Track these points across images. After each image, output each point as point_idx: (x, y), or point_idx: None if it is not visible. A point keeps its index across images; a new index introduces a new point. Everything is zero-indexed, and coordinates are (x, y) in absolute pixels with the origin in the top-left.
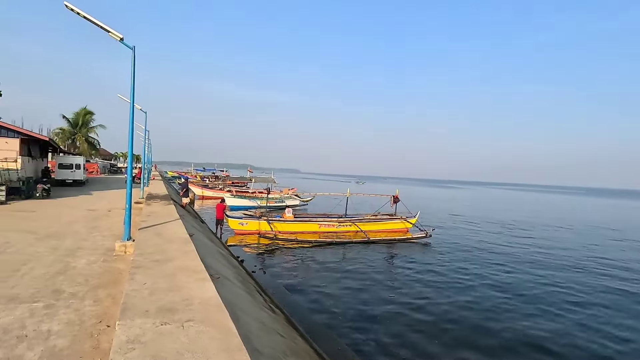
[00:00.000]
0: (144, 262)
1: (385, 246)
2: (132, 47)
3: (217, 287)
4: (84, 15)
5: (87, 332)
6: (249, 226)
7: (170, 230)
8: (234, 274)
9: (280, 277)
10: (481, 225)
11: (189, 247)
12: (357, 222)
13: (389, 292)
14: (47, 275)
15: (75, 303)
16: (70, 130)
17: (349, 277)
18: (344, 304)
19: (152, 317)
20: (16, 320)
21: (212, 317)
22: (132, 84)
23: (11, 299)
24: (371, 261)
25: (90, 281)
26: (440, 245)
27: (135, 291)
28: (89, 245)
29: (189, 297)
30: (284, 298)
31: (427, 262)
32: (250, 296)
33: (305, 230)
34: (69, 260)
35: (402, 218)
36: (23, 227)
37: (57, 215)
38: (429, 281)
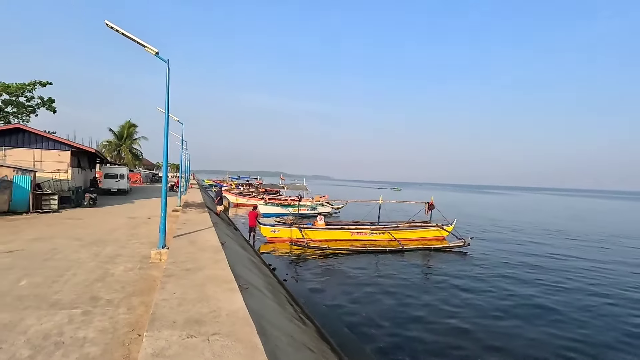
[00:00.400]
0: (175, 271)
1: (421, 255)
2: (167, 61)
3: (246, 298)
4: (122, 32)
5: (119, 340)
6: (281, 234)
7: (203, 238)
8: (264, 283)
9: (312, 286)
10: (526, 234)
11: (220, 256)
12: (390, 230)
13: (425, 305)
14: (87, 282)
15: (110, 310)
16: (116, 142)
17: (383, 287)
18: (377, 316)
19: (179, 329)
20: (56, 326)
21: (238, 331)
22: (167, 95)
23: (53, 304)
24: (406, 271)
25: (126, 288)
26: (479, 255)
27: (165, 301)
28: (127, 252)
29: (217, 308)
30: (315, 308)
31: (466, 273)
32: (279, 307)
33: (337, 238)
34: (108, 267)
35: (437, 226)
36: (70, 234)
37: (101, 222)
38: (469, 295)
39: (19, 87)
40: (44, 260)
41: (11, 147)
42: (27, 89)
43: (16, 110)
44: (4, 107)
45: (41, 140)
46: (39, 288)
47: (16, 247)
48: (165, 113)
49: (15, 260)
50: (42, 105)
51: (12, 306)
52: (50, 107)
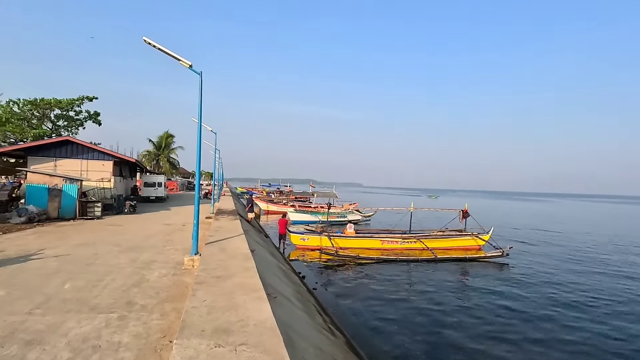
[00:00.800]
0: (206, 278)
1: (455, 265)
2: (200, 73)
3: (274, 307)
4: (159, 47)
5: (151, 346)
6: (310, 241)
7: (234, 245)
8: (293, 292)
9: (342, 295)
10: (572, 244)
11: (249, 264)
12: (422, 239)
13: (460, 319)
14: (124, 287)
15: (144, 316)
16: (154, 152)
17: (415, 298)
18: (410, 329)
19: (208, 337)
20: (94, 329)
21: (265, 342)
22: (200, 105)
23: (93, 308)
24: (439, 281)
25: (160, 294)
26: (519, 267)
27: (195, 309)
28: (162, 258)
29: (245, 317)
30: (345, 318)
31: (505, 286)
32: (308, 317)
33: (367, 247)
34: (144, 273)
35: (473, 234)
36: (111, 240)
37: (139, 229)
38: (508, 312)
39: (69, 102)
40: (87, 265)
41: (61, 158)
42: (76, 103)
43: (66, 124)
44: (56, 121)
45: (87, 151)
46: (81, 292)
47: (63, 252)
48: (199, 123)
49: (61, 264)
50: (89, 119)
51: (57, 308)
52: (95, 120)
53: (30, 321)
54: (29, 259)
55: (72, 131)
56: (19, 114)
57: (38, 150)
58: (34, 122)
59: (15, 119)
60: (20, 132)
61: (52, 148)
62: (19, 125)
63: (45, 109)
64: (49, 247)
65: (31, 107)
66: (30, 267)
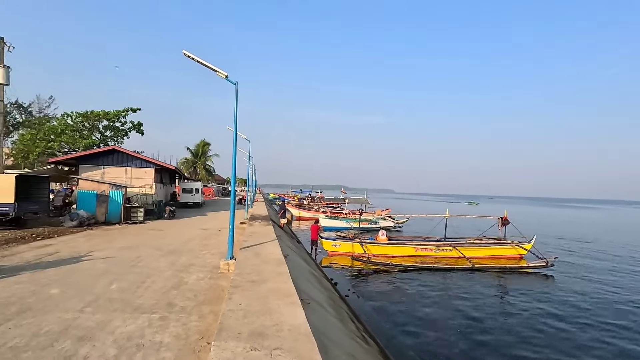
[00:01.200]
0: (241, 282)
1: (494, 275)
2: (235, 83)
3: (307, 313)
4: (198, 59)
5: (190, 347)
6: (342, 248)
7: (267, 250)
8: (326, 298)
9: (374, 303)
10: (627, 257)
11: (282, 269)
12: (458, 247)
13: (498, 331)
14: (164, 289)
15: (184, 317)
16: (192, 160)
17: (452, 308)
18: (446, 340)
19: (244, 340)
20: (137, 329)
21: (299, 347)
22: (235, 114)
23: (136, 308)
24: (477, 292)
25: (198, 297)
26: (565, 278)
27: (231, 312)
28: (199, 262)
29: (279, 322)
30: (378, 327)
31: (550, 299)
32: (341, 324)
33: (400, 254)
34: (182, 276)
35: (513, 243)
36: (152, 243)
37: (178, 233)
38: (553, 327)
39: (116, 114)
40: (131, 266)
41: (108, 166)
42: (122, 114)
43: (113, 134)
44: (104, 132)
45: (131, 159)
46: (125, 292)
47: (109, 255)
48: (234, 131)
49: (108, 266)
50: (133, 129)
51: (104, 307)
52: (139, 130)
53: (81, 318)
54: (80, 260)
55: (117, 141)
56: (72, 125)
57: (88, 159)
58: (84, 133)
59: (69, 130)
60: (72, 142)
61: (100, 157)
62: (72, 136)
63: (94, 121)
64: (98, 250)
65: (82, 119)
66: (81, 267)
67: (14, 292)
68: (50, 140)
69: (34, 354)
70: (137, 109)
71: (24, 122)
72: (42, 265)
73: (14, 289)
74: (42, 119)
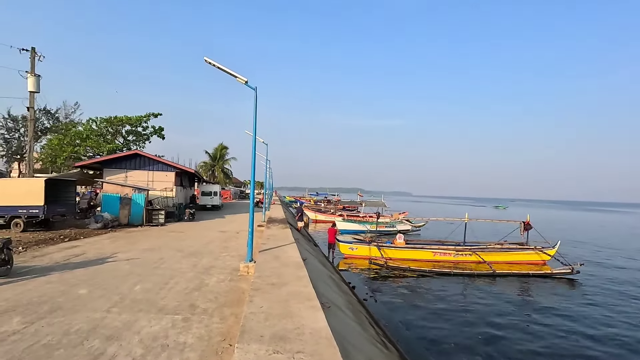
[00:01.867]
0: (261, 285)
1: (517, 281)
2: (254, 88)
3: (328, 317)
4: (218, 66)
5: (213, 348)
6: (359, 251)
7: (286, 253)
8: (345, 302)
9: (393, 307)
10: None
11: (302, 272)
12: (479, 252)
13: (521, 339)
14: (186, 290)
15: (206, 319)
16: (210, 163)
17: (473, 315)
18: (468, 348)
19: (266, 343)
20: (162, 329)
21: (322, 352)
22: (255, 119)
23: (160, 309)
24: (499, 298)
25: (219, 299)
26: (592, 286)
27: (253, 314)
28: (219, 264)
29: (300, 325)
30: (398, 332)
31: (575, 307)
32: (361, 328)
33: (417, 258)
34: (203, 278)
35: (536, 248)
36: (174, 245)
37: (198, 236)
38: (579, 336)
39: (138, 119)
40: (154, 268)
41: (131, 169)
42: (144, 119)
43: (135, 138)
44: (127, 136)
45: (153, 163)
46: (149, 293)
47: (133, 256)
48: (253, 135)
49: (132, 267)
50: (154, 133)
51: (130, 308)
52: (160, 135)
53: (108, 318)
54: (105, 261)
55: (139, 145)
56: (96, 130)
57: (112, 163)
58: (108, 138)
59: (93, 135)
60: (97, 147)
61: (123, 161)
62: (96, 140)
63: (118, 126)
64: (122, 251)
65: (106, 124)
66: (107, 268)
67: (45, 292)
68: (76, 145)
69: (66, 352)
70: (158, 114)
71: (51, 128)
72: (70, 265)
73: (45, 289)
74: (69, 124)
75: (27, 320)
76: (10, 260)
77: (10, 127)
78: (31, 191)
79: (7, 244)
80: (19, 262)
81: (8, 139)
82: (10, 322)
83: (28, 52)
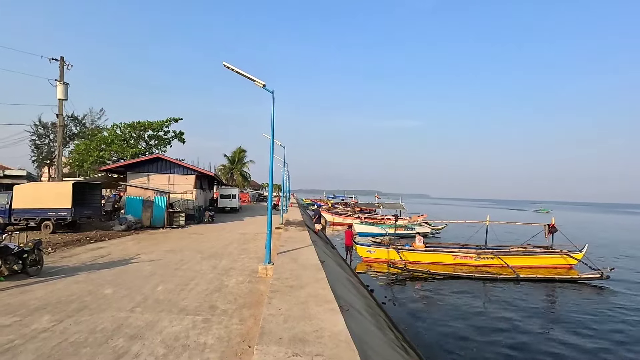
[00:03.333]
0: (280, 287)
1: (542, 286)
2: (272, 91)
3: (347, 319)
4: (237, 70)
5: (232, 349)
6: (377, 254)
7: (304, 256)
8: (363, 305)
9: (413, 311)
10: None
11: (320, 275)
12: (501, 255)
13: (547, 348)
14: (207, 291)
15: (225, 320)
16: (229, 166)
17: (495, 321)
18: (491, 355)
19: (285, 345)
20: (183, 330)
21: (341, 355)
22: (272, 122)
23: (182, 309)
24: (523, 304)
25: (238, 300)
26: (623, 293)
27: (272, 316)
28: (238, 266)
29: (319, 328)
30: (418, 337)
31: (605, 314)
32: (380, 332)
33: (437, 262)
34: (223, 279)
35: (562, 252)
36: (194, 247)
37: (217, 238)
38: (609, 344)
39: (159, 124)
40: (175, 269)
41: (153, 173)
42: (165, 124)
43: (157, 143)
44: (149, 141)
45: (174, 166)
46: (171, 294)
47: (155, 257)
48: (271, 138)
49: (154, 268)
50: (175, 137)
51: (152, 308)
52: (180, 139)
53: (132, 318)
54: (129, 262)
55: (161, 149)
56: (120, 135)
57: (135, 167)
58: (131, 142)
59: (118, 140)
60: (121, 151)
61: (146, 164)
62: (120, 145)
63: (140, 130)
64: (144, 253)
65: (130, 130)
66: (130, 269)
67: (73, 291)
68: (102, 149)
69: (92, 350)
70: (179, 118)
71: (79, 134)
72: (96, 266)
73: (73, 288)
74: (95, 129)
75: (56, 318)
76: (40, 261)
77: (40, 133)
78: (60, 194)
79: (37, 245)
80: (49, 262)
81: (39, 145)
82: (41, 320)
83: (57, 62)
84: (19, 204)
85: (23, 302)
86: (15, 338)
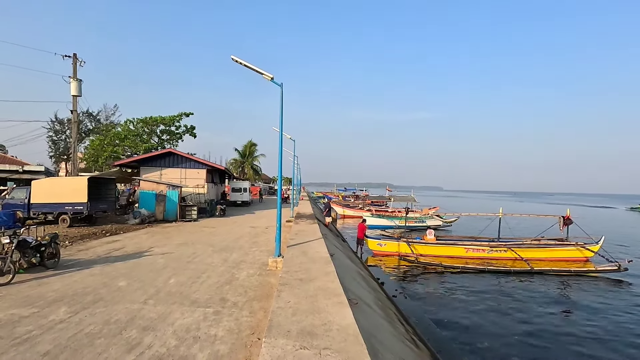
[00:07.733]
0: (289, 280)
1: (556, 279)
2: (280, 84)
3: (356, 313)
4: (245, 63)
5: (242, 342)
6: (388, 247)
7: (314, 249)
8: (373, 298)
9: (424, 305)
10: None
11: (329, 268)
12: (515, 248)
13: (562, 343)
14: (218, 284)
15: (236, 312)
16: (240, 160)
17: (509, 314)
18: (503, 350)
19: (293, 338)
20: (194, 322)
21: (349, 349)
22: (281, 114)
23: (193, 302)
24: (538, 297)
25: (248, 293)
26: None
27: (281, 309)
28: (249, 259)
29: (328, 322)
30: (429, 330)
31: (624, 307)
32: (390, 325)
33: (449, 255)
34: (234, 272)
35: (578, 244)
36: (206, 240)
37: (228, 231)
38: (628, 337)
39: (171, 119)
40: (187, 262)
41: (165, 167)
42: (176, 119)
43: (169, 137)
44: (161, 135)
45: (185, 161)
46: (183, 286)
47: (168, 251)
48: (280, 131)
49: (167, 261)
50: (186, 132)
51: (164, 300)
52: (192, 134)
53: (145, 310)
54: (143, 255)
55: (173, 144)
56: (133, 131)
57: (148, 162)
58: (144, 137)
59: (131, 135)
60: (134, 146)
61: (158, 159)
62: (133, 140)
63: (152, 126)
64: (157, 246)
65: (142, 125)
66: (144, 262)
67: (89, 284)
68: (116, 145)
69: (106, 341)
70: (190, 113)
71: (93, 129)
72: (111, 259)
73: (89, 281)
74: (109, 125)
75: (72, 310)
76: (57, 254)
77: (57, 129)
78: (76, 189)
79: (54, 239)
80: (66, 255)
81: (56, 141)
82: (58, 312)
83: (70, 59)
84: (37, 198)
85: (41, 294)
86: (33, 329)
